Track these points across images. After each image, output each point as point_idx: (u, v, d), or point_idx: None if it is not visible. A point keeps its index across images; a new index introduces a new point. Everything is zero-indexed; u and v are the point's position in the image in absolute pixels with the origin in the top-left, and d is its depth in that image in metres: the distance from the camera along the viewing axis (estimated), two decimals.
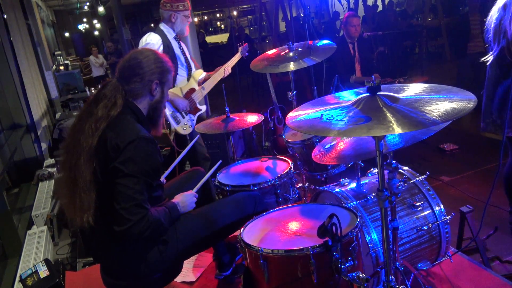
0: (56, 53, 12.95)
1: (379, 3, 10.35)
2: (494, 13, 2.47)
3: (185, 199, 2.07)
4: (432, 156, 4.55)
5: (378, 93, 1.43)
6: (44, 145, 5.88)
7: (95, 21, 19.16)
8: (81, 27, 21.87)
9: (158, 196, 1.97)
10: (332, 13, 12.53)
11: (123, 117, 1.83)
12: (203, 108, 3.56)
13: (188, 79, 3.49)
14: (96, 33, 20.23)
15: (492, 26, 2.48)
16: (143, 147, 1.76)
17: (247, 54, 3.70)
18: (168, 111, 3.28)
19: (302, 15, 3.33)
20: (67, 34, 21.87)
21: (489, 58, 2.54)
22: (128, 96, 1.88)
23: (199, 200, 2.17)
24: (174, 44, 3.41)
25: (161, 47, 3.27)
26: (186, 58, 3.48)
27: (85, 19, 21.93)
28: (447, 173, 4.08)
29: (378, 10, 10.37)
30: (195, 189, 2.19)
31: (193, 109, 3.44)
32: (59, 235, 3.94)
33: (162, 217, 1.85)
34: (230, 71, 3.55)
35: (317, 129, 1.35)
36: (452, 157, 4.53)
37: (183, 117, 3.38)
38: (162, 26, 3.41)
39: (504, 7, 2.34)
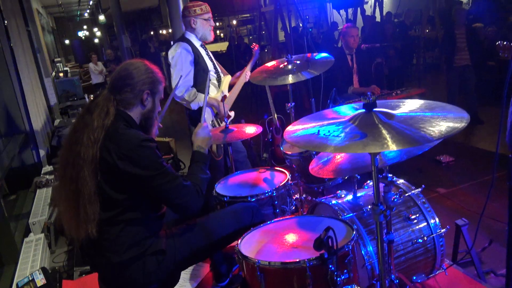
0: (55, 59, 13.00)
1: (377, 14, 10.44)
2: None
3: (200, 138, 2.18)
4: (428, 168, 4.58)
5: (374, 109, 1.46)
6: (42, 152, 5.89)
7: (95, 29, 19.26)
8: (81, 34, 21.98)
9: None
10: (331, 23, 12.63)
11: (117, 126, 1.86)
12: (232, 114, 3.60)
13: (219, 86, 3.52)
14: (96, 40, 20.32)
15: None
16: (148, 147, 1.83)
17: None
18: (209, 118, 3.35)
19: (301, 25, 3.37)
20: (67, 41, 21.97)
21: None
22: (120, 106, 1.92)
23: None
24: (202, 51, 3.40)
25: (191, 55, 3.27)
26: (215, 65, 3.49)
27: (85, 26, 22.06)
28: (444, 185, 4.11)
29: (375, 21, 10.47)
30: (202, 120, 2.33)
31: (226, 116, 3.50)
32: (56, 243, 3.94)
33: (200, 174, 2.04)
34: (250, 73, 3.54)
35: (314, 144, 1.38)
36: (448, 169, 4.56)
37: (219, 124, 3.44)
38: (187, 35, 3.38)
39: None
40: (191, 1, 3.45)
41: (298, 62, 2.75)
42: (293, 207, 2.57)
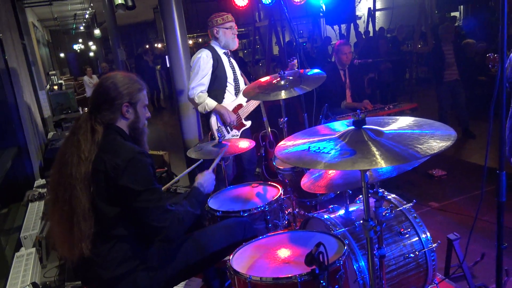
0: (50, 72, 13.01)
1: (370, 29, 10.59)
2: None
3: (205, 179, 2.19)
4: (421, 182, 4.61)
5: (364, 126, 1.48)
6: (35, 165, 5.86)
7: (90, 43, 19.32)
8: (76, 47, 22.02)
9: None
10: (324, 38, 12.78)
11: (112, 138, 1.87)
12: (248, 123, 3.69)
13: (236, 95, 3.62)
14: (91, 53, 20.38)
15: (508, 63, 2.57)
16: (143, 161, 1.83)
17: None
18: (215, 126, 3.43)
19: (294, 43, 3.43)
20: (62, 54, 22.00)
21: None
22: (106, 121, 1.91)
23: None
24: (224, 59, 3.59)
25: (211, 61, 3.47)
26: (235, 74, 3.62)
27: (80, 40, 22.11)
28: (436, 199, 4.13)
29: (369, 36, 10.62)
30: (211, 168, 2.31)
31: (239, 125, 3.56)
32: (47, 257, 3.91)
33: (189, 207, 1.99)
34: None
35: (305, 161, 1.40)
36: (440, 183, 4.59)
37: (228, 132, 3.54)
38: (212, 43, 3.61)
39: None
40: (215, 13, 3.65)
41: (290, 78, 2.78)
42: (286, 222, 2.58)
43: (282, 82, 2.75)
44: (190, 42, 16.39)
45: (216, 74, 3.52)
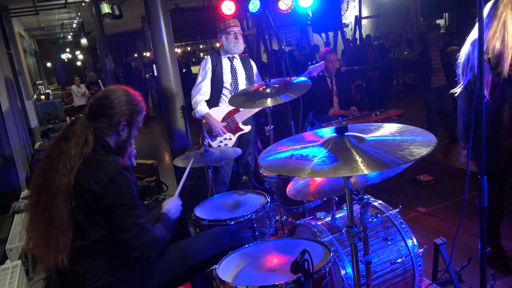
0: (37, 82, 12.91)
1: (357, 36, 10.71)
2: (464, 49, 2.62)
3: (172, 205, 2.17)
4: (408, 187, 4.64)
5: (346, 133, 1.50)
6: (21, 176, 5.79)
7: (78, 52, 19.24)
8: (64, 56, 21.91)
9: None
10: (312, 46, 12.88)
11: (96, 152, 1.85)
12: (246, 128, 3.72)
13: None
14: (79, 63, 20.29)
15: (462, 60, 2.62)
16: (125, 176, 1.81)
17: (321, 73, 3.81)
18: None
19: (279, 50, 3.47)
20: (49, 64, 21.86)
21: (457, 90, 2.68)
22: (96, 133, 1.89)
23: (175, 234, 2.18)
24: (226, 63, 3.70)
25: (210, 65, 3.65)
26: (235, 78, 3.69)
27: (68, 49, 22.00)
28: (423, 204, 4.16)
29: (357, 43, 10.74)
30: (176, 193, 2.28)
31: (234, 129, 3.58)
32: (33, 270, 3.85)
33: (164, 231, 1.97)
34: None
35: (287, 169, 1.40)
36: (428, 188, 4.62)
37: (214, 139, 3.62)
38: (220, 49, 3.77)
39: (474, 43, 2.48)
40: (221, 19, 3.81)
41: (276, 85, 2.80)
42: (273, 230, 2.58)
43: (268, 90, 2.76)
44: (178, 50, 16.39)
45: (213, 78, 3.66)
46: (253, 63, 3.94)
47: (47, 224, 1.77)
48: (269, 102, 2.67)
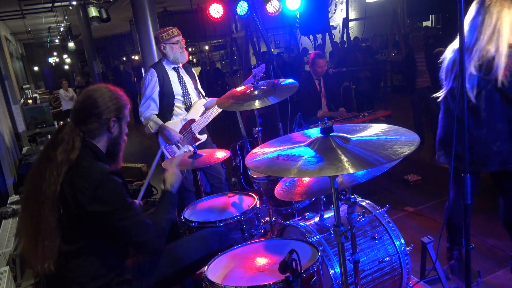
0: (24, 86, 12.77)
1: (345, 38, 10.80)
2: (448, 54, 2.64)
3: (174, 178, 2.20)
4: (396, 187, 4.70)
5: (331, 134, 1.52)
6: (9, 181, 5.73)
7: (65, 56, 19.09)
8: (51, 60, 21.71)
9: None
10: (302, 49, 12.96)
11: (83, 157, 1.83)
12: (203, 137, 3.63)
13: (187, 110, 3.57)
14: (66, 67, 20.12)
15: (445, 65, 2.65)
16: (112, 181, 1.79)
17: (263, 75, 3.74)
18: (162, 145, 3.43)
19: (272, 51, 3.44)
20: (36, 68, 21.64)
21: (440, 94, 2.71)
22: (86, 136, 1.88)
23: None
24: (173, 75, 3.55)
25: (156, 80, 3.47)
26: (185, 89, 3.57)
27: (55, 53, 21.82)
28: (412, 204, 4.21)
29: (345, 46, 10.83)
30: (174, 167, 2.28)
31: (191, 140, 3.53)
32: (22, 276, 3.80)
33: (167, 214, 2.02)
34: None
35: (274, 169, 1.42)
36: (415, 188, 4.68)
37: (179, 148, 3.49)
38: (162, 60, 3.60)
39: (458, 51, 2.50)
40: (160, 29, 3.58)
41: (264, 87, 2.81)
42: (262, 231, 2.59)
43: (256, 92, 2.78)
44: None
45: (163, 91, 3.49)
46: (194, 71, 3.82)
47: (34, 231, 1.76)
48: (257, 104, 2.69)
